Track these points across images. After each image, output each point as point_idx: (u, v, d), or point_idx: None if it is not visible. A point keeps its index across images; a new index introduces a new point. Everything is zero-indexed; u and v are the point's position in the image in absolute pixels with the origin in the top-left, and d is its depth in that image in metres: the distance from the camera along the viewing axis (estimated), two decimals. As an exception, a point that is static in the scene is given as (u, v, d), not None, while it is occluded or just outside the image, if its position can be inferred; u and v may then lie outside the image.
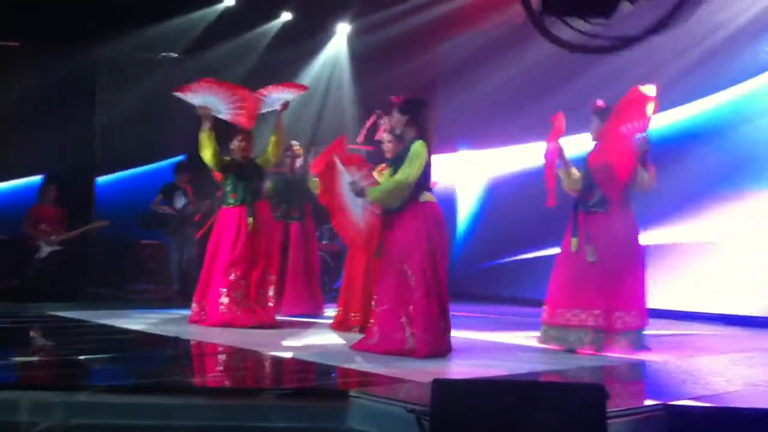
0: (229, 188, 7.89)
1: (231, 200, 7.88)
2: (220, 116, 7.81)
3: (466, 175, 12.36)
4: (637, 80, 6.63)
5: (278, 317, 8.08)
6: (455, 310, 6.41)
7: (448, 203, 11.84)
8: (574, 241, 6.40)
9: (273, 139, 7.99)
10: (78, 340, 6.90)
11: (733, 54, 9.24)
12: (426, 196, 6.03)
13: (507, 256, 11.47)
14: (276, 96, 7.94)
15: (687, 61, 9.42)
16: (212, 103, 7.75)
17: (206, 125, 7.74)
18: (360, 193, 6.16)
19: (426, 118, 6.14)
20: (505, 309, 10.14)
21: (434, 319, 5.87)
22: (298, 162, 9.17)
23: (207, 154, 7.77)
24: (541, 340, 6.51)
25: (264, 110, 8.01)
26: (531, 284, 9.31)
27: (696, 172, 9.25)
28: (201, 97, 7.74)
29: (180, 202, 10.87)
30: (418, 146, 5.95)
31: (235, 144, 7.92)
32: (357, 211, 6.36)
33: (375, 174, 7.33)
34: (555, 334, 6.40)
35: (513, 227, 10.97)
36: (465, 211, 12.55)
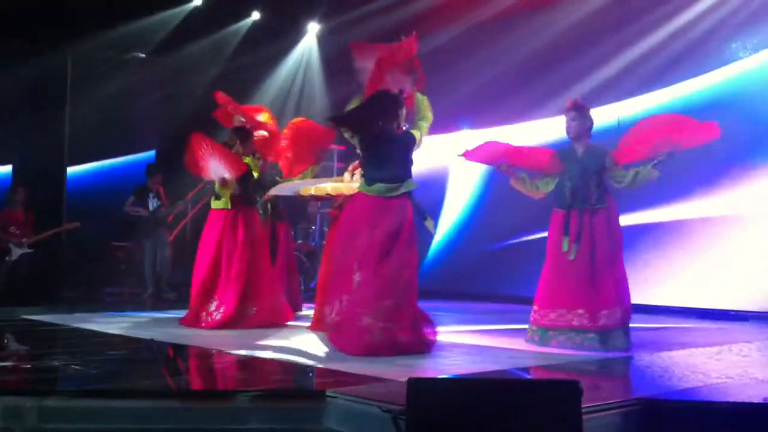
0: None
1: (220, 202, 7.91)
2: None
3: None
4: (642, 54, 6.53)
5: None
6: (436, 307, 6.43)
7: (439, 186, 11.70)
8: (565, 240, 6.42)
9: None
10: (51, 344, 6.85)
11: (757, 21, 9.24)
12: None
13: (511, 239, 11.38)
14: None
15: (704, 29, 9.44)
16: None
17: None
18: None
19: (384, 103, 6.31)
20: (491, 305, 10.19)
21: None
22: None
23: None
24: (528, 339, 6.52)
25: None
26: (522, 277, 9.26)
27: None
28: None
29: (152, 204, 10.82)
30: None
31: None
32: None
33: (347, 174, 7.36)
34: (543, 335, 6.41)
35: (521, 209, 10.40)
36: (460, 193, 12.42)
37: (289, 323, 8.02)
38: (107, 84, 11.90)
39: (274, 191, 8.09)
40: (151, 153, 12.73)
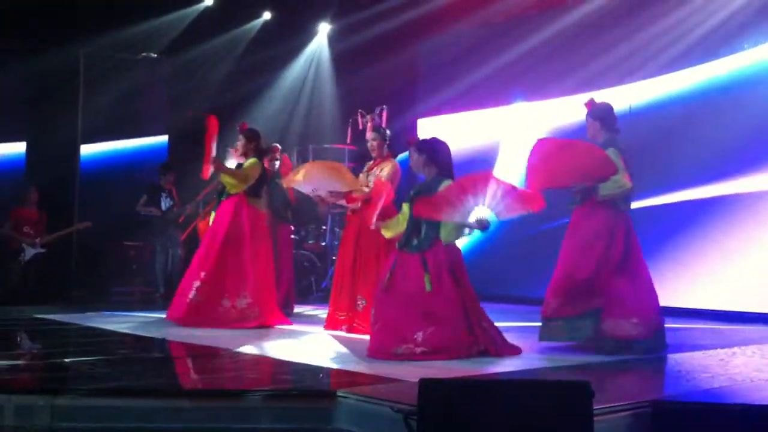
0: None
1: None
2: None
3: (518, 129, 11.50)
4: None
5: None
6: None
7: (487, 161, 11.50)
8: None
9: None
10: (62, 343, 6.88)
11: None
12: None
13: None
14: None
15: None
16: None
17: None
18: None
19: (442, 154, 6.32)
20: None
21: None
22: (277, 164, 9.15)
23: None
24: (540, 334, 6.49)
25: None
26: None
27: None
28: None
29: (165, 203, 10.85)
30: (447, 185, 6.07)
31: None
32: None
33: (362, 175, 7.41)
34: (553, 326, 6.37)
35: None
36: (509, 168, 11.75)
37: (300, 321, 8.05)
38: (119, 82, 11.92)
39: (294, 184, 7.87)
40: (163, 142, 12.70)
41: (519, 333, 6.79)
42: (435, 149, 6.32)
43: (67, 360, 5.76)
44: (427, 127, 12.47)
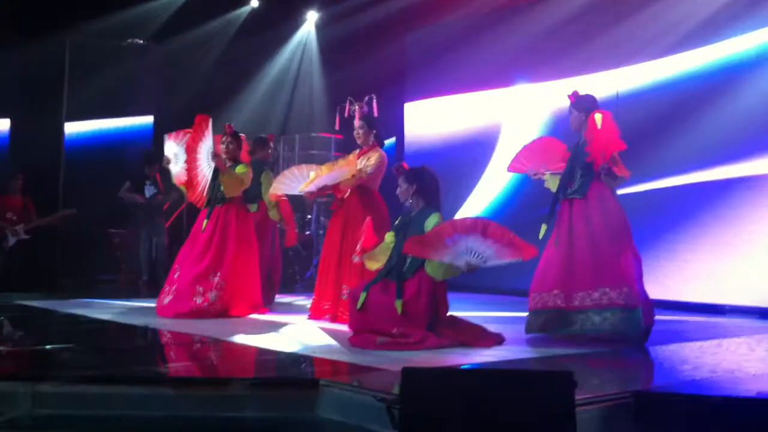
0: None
1: None
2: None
3: (520, 110, 11.32)
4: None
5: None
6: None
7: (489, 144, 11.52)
8: (543, 227, 6.46)
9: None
10: (45, 330, 6.85)
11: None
12: None
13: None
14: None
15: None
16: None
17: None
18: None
19: (431, 185, 6.35)
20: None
21: None
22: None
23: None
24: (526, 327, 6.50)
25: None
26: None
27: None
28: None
29: (149, 191, 10.80)
30: (435, 219, 6.14)
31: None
32: None
33: (343, 161, 7.38)
34: (533, 319, 6.40)
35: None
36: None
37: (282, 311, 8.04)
38: (104, 72, 11.84)
39: (280, 191, 7.87)
40: (149, 124, 12.62)
41: (503, 323, 6.81)
42: (424, 180, 6.32)
43: (48, 347, 5.72)
44: (413, 112, 12.51)
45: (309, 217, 11.77)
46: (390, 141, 7.51)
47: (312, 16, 13.53)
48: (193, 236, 7.89)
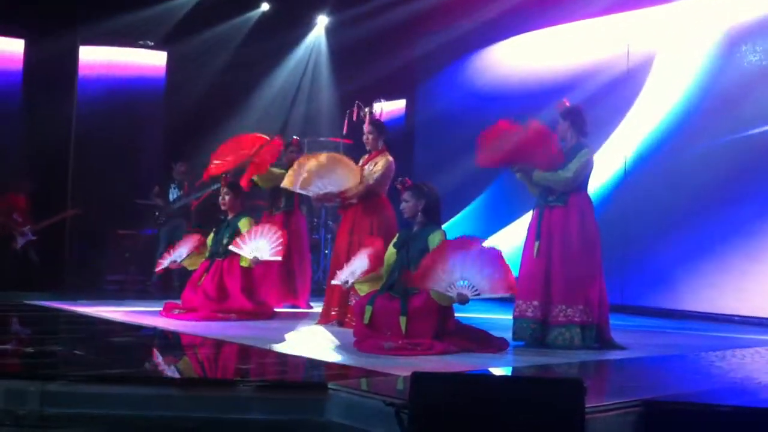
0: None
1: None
2: None
3: None
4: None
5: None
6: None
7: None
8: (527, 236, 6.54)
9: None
10: (54, 330, 6.86)
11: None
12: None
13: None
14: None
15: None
16: None
17: None
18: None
19: (433, 202, 6.35)
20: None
21: None
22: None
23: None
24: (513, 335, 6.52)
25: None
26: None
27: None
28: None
29: (173, 194, 10.82)
30: (439, 236, 6.15)
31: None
32: None
33: (344, 169, 7.39)
34: (516, 328, 6.42)
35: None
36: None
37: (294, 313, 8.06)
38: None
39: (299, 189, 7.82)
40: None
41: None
42: (431, 196, 6.33)
43: (58, 346, 5.73)
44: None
45: (316, 220, 11.76)
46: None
47: (322, 21, 13.54)
48: (196, 277, 7.89)
